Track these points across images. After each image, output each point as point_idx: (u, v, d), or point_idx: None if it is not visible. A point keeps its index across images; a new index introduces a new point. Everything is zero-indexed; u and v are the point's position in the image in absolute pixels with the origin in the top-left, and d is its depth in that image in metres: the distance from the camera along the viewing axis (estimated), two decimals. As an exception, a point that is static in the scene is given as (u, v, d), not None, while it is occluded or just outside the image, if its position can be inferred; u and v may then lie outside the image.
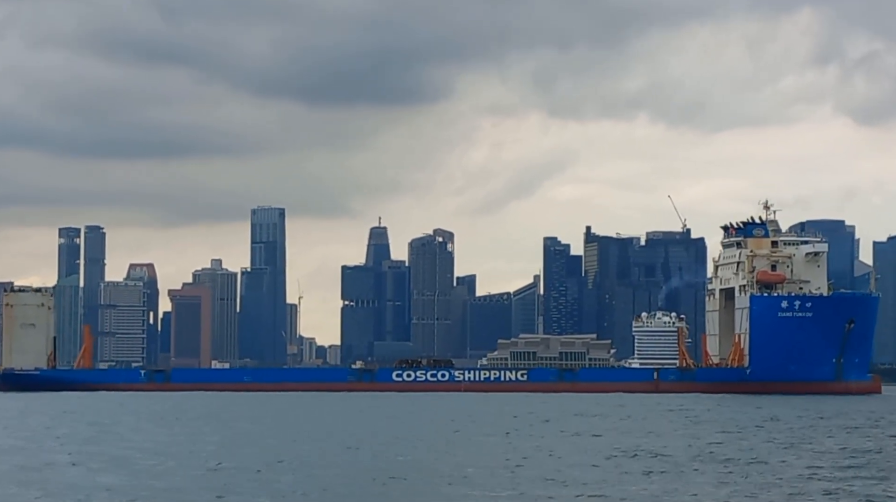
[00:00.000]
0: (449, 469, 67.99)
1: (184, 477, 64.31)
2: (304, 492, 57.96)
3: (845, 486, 59.26)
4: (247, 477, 64.41)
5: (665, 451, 79.33)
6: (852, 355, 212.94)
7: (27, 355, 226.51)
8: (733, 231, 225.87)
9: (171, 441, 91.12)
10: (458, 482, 61.68)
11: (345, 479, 63.84)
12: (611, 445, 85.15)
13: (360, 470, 67.97)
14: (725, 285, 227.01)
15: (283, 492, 58.05)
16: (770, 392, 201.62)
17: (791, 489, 58.31)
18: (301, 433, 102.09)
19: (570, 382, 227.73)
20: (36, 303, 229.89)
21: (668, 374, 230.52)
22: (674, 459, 73.61)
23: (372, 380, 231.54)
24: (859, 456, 76.29)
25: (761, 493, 56.70)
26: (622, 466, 69.46)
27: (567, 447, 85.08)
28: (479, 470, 67.39)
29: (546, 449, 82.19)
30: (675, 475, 64.59)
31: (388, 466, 69.80)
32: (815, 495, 56.25)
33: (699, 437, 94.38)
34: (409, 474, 65.73)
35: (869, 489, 58.29)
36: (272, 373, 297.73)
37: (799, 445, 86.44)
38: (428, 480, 63.40)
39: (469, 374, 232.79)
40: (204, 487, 59.76)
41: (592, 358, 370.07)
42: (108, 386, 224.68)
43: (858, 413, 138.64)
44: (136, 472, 66.79)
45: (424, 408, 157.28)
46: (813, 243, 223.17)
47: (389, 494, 58.27)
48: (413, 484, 61.56)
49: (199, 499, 55.92)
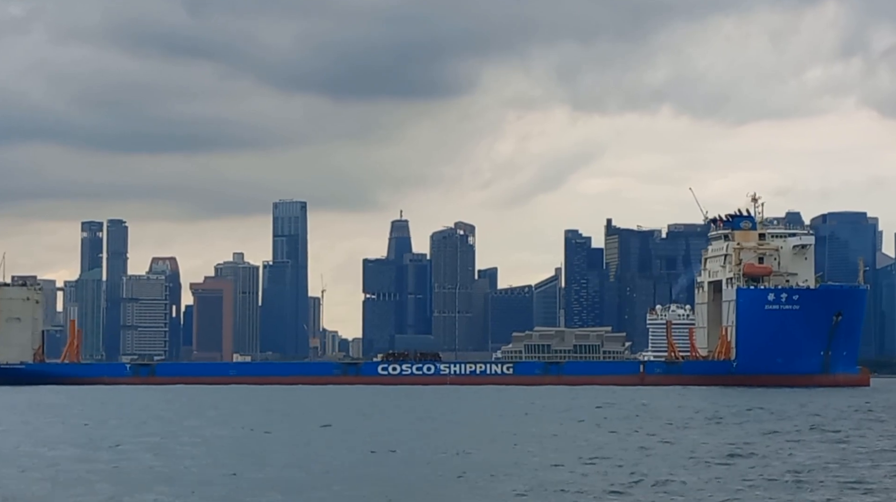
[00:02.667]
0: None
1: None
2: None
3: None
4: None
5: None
6: (840, 348, 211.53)
7: (12, 349, 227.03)
8: (720, 223, 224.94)
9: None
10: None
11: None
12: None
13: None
14: (713, 278, 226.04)
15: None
16: (757, 384, 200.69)
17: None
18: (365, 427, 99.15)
19: (556, 375, 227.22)
20: (21, 298, 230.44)
21: (654, 367, 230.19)
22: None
23: (357, 374, 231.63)
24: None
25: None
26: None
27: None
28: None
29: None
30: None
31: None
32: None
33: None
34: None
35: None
36: (258, 366, 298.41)
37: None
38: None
39: (455, 368, 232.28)
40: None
41: (607, 350, 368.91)
42: (93, 379, 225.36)
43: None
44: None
45: (457, 401, 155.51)
46: (800, 236, 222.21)
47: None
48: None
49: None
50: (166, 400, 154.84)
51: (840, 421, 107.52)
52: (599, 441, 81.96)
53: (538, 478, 58.18)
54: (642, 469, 62.34)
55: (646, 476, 59.07)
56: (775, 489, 54.38)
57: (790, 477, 59.01)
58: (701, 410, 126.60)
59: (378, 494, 53.50)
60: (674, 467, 63.56)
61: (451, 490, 55.23)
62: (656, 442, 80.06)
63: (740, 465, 64.83)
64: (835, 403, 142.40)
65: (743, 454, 71.32)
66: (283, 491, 54.11)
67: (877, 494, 52.78)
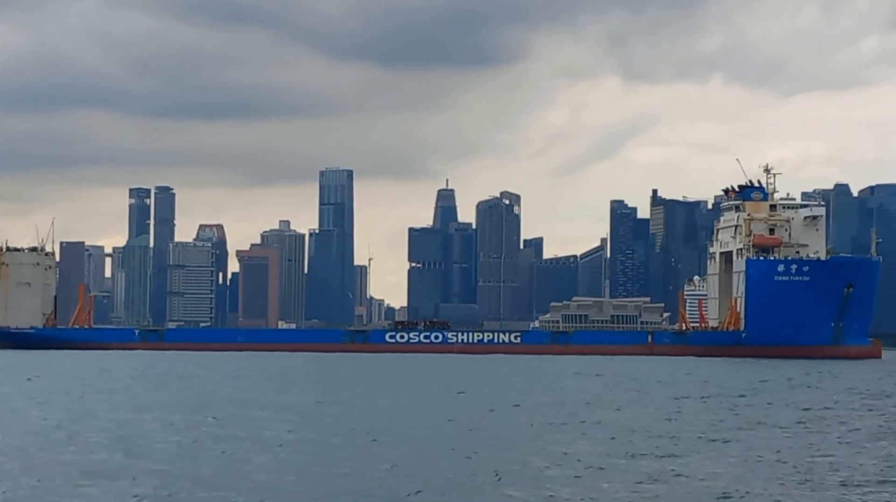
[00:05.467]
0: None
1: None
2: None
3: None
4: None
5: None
6: (851, 319, 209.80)
7: (22, 313, 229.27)
8: (732, 194, 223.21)
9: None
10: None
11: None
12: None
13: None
14: (724, 248, 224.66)
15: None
16: (765, 356, 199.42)
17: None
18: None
19: (564, 344, 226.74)
20: (32, 263, 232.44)
21: (663, 337, 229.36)
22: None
23: (365, 342, 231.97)
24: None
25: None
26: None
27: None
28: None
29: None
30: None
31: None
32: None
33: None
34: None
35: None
36: (265, 333, 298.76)
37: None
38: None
39: (462, 336, 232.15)
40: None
41: (644, 320, 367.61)
42: (101, 345, 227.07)
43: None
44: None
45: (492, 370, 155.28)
46: (811, 207, 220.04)
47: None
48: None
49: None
50: (198, 367, 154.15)
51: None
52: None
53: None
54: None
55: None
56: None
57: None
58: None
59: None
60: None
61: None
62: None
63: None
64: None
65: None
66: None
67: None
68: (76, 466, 48.61)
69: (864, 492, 43.96)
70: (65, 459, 51.12)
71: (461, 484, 45.11)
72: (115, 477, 45.45)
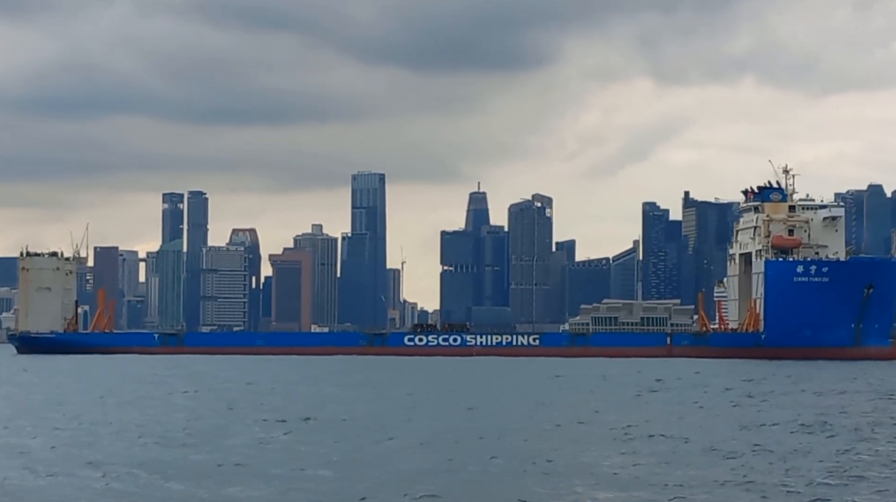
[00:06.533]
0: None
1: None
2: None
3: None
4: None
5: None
6: (872, 320, 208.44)
7: (42, 318, 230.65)
8: (751, 195, 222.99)
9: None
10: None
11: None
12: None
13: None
14: (744, 250, 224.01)
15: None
16: (785, 357, 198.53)
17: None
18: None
19: (583, 347, 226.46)
20: (52, 268, 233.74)
21: (682, 339, 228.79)
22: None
23: (384, 345, 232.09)
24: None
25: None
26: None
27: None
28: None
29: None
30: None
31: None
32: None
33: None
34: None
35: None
36: (285, 337, 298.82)
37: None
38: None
39: (481, 339, 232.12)
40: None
41: (674, 323, 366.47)
42: (121, 349, 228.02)
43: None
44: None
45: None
46: (830, 208, 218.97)
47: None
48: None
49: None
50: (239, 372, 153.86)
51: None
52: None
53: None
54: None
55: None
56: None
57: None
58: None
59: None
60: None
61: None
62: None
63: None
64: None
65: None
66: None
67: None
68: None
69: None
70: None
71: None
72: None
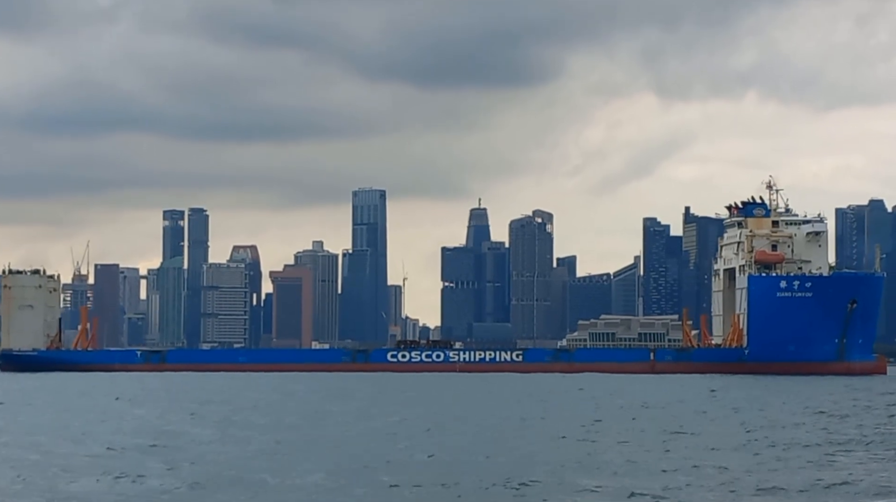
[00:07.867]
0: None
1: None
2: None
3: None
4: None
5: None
6: (855, 335, 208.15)
7: (25, 336, 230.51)
8: (735, 210, 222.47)
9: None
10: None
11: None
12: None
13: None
14: (728, 265, 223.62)
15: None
16: (768, 372, 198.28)
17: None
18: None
19: (566, 362, 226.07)
20: (34, 285, 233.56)
21: (665, 355, 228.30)
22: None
23: (367, 361, 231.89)
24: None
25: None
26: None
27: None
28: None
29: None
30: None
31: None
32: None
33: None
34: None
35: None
36: (268, 353, 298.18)
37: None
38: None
39: (464, 355, 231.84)
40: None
41: (672, 338, 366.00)
42: (104, 366, 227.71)
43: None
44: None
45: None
46: (813, 223, 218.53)
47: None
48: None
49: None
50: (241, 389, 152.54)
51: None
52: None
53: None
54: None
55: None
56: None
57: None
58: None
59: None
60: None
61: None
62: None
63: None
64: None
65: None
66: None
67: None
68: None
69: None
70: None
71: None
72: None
